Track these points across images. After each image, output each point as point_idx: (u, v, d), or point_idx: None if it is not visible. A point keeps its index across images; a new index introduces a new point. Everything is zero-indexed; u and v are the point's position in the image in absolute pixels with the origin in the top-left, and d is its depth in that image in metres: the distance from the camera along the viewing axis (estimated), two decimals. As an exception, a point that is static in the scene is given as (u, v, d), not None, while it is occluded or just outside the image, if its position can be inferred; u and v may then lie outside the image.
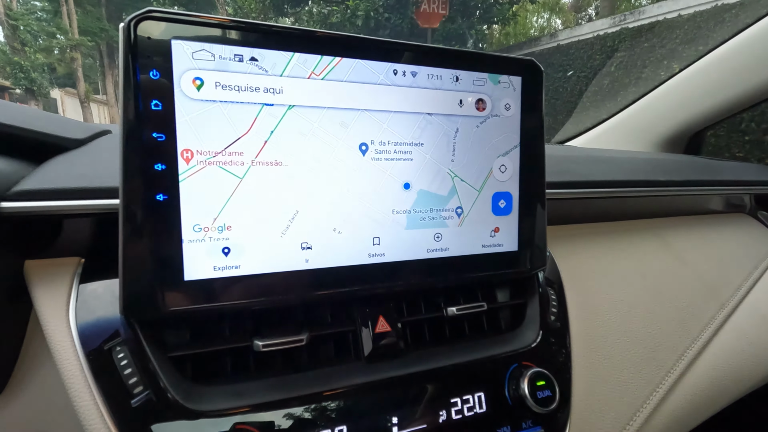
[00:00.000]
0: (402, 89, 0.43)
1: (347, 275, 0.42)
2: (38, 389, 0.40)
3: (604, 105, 1.36)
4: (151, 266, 0.35)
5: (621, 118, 1.21)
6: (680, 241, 0.72)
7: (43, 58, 15.26)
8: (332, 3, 9.44)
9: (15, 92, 14.56)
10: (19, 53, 14.29)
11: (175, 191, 0.36)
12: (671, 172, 0.75)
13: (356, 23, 8.34)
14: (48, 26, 15.88)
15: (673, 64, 1.28)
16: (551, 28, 15.75)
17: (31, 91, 14.13)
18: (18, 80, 13.76)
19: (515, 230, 0.49)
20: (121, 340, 0.37)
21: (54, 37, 15.76)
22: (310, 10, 9.96)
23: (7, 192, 0.37)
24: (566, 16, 15.40)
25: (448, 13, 8.46)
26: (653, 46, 4.12)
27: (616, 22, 6.97)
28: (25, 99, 14.23)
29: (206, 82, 0.36)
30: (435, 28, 8.49)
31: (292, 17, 10.47)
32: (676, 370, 0.56)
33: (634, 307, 0.60)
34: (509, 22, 10.03)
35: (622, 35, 6.45)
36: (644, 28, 6.20)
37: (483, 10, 9.28)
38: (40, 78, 14.31)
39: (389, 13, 8.34)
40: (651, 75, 2.77)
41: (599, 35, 6.97)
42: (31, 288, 0.40)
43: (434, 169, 0.45)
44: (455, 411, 0.42)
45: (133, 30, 0.33)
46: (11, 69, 13.66)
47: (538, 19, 16.74)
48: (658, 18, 6.20)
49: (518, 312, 0.53)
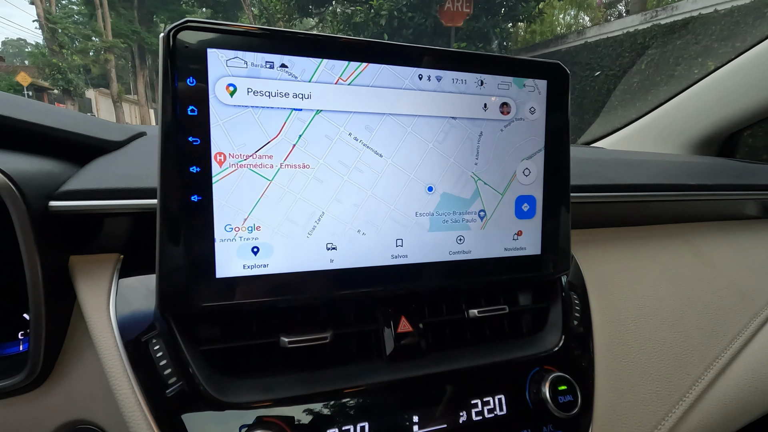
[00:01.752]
0: (427, 93, 0.44)
1: (371, 276, 0.43)
2: (79, 378, 0.43)
3: (633, 105, 1.33)
4: (186, 264, 0.37)
5: (651, 119, 1.18)
6: (711, 247, 0.70)
7: (79, 60, 15.92)
8: (356, 3, 9.48)
9: (53, 92, 15.25)
10: (57, 55, 14.97)
11: (208, 192, 0.37)
12: (703, 175, 0.73)
13: (380, 23, 8.35)
14: (84, 29, 16.58)
15: (708, 62, 1.24)
16: (579, 25, 15.37)
17: (68, 91, 14.78)
18: (56, 81, 14.43)
19: (538, 234, 0.49)
20: (157, 332, 0.40)
21: (89, 39, 16.44)
22: (334, 10, 10.03)
23: (55, 192, 0.40)
24: (594, 12, 15.01)
25: (472, 11, 8.37)
26: (687, 43, 3.97)
27: (647, 18, 6.75)
28: (62, 99, 14.90)
29: (239, 88, 0.38)
30: (459, 26, 8.41)
31: (316, 17, 10.58)
32: (705, 380, 0.54)
33: (661, 313, 0.58)
34: (535, 20, 9.84)
35: (654, 32, 6.25)
36: (677, 24, 5.98)
37: (508, 8, 9.14)
38: (76, 79, 14.96)
39: (413, 13, 8.31)
40: (684, 73, 2.67)
41: (629, 32, 6.77)
42: (75, 281, 0.42)
43: (457, 172, 0.45)
44: (475, 412, 0.43)
45: (172, 39, 0.35)
46: (50, 70, 14.33)
47: (565, 17, 16.37)
48: (693, 14, 5.97)
49: (540, 316, 0.52)
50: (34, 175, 0.39)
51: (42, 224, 0.38)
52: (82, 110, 16.45)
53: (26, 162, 0.41)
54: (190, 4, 19.59)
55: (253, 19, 15.63)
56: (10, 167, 0.37)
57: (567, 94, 0.49)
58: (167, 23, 20.39)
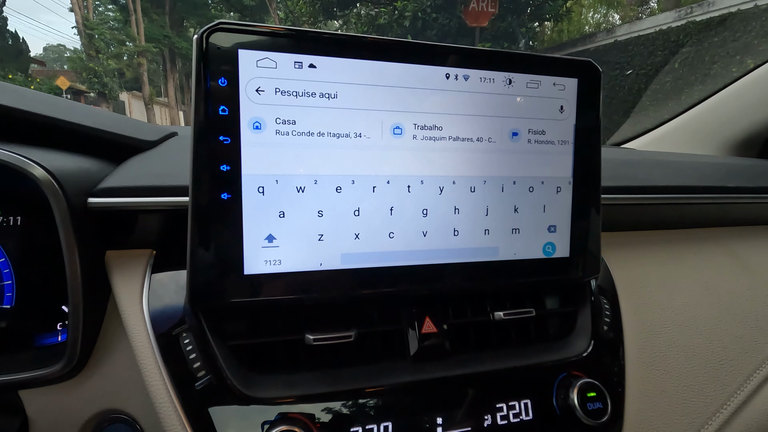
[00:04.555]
0: (454, 93, 0.43)
1: (396, 276, 0.43)
2: (113, 369, 0.44)
3: (666, 105, 1.28)
4: (215, 260, 0.38)
5: (686, 119, 1.13)
6: (752, 252, 0.66)
7: (114, 64, 16.59)
8: (380, 4, 9.52)
9: (90, 95, 15.95)
10: (93, 60, 15.65)
11: (238, 191, 0.38)
12: (742, 177, 0.70)
13: (403, 24, 8.36)
14: (119, 34, 17.28)
15: (747, 60, 1.18)
16: (608, 23, 14.96)
17: (103, 94, 15.44)
18: (92, 84, 15.11)
19: (567, 236, 0.48)
20: (187, 327, 0.41)
21: (124, 44, 17.12)
22: (358, 12, 10.11)
23: (94, 189, 0.41)
24: (624, 10, 14.56)
25: (497, 11, 8.27)
26: (724, 41, 3.81)
27: (681, 15, 6.51)
28: (98, 101, 15.59)
29: (267, 88, 0.38)
30: (484, 26, 8.32)
31: (340, 20, 10.68)
32: (743, 393, 0.52)
33: (696, 321, 0.56)
34: (562, 19, 9.63)
35: (688, 29, 6.02)
36: (714, 21, 5.74)
37: (534, 7, 8.99)
38: (111, 82, 15.60)
39: (437, 13, 8.28)
40: (721, 72, 2.56)
41: (662, 30, 6.55)
42: (111, 275, 0.44)
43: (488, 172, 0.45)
44: (500, 416, 0.42)
45: (206, 41, 0.36)
46: (87, 74, 15.01)
47: (594, 15, 15.95)
48: (731, 9, 5.72)
49: (569, 320, 0.51)
50: (75, 172, 0.41)
51: (81, 219, 0.40)
52: (116, 112, 17.05)
53: (67, 160, 0.42)
54: (219, 8, 20.12)
55: (279, 22, 15.91)
56: (53, 165, 0.39)
57: (599, 93, 0.48)
58: (197, 28, 20.92)
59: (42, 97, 0.47)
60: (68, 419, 0.44)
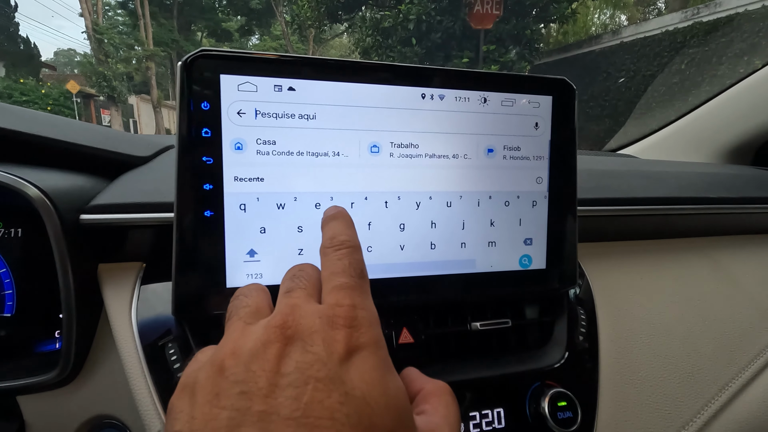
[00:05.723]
0: (430, 112, 0.45)
1: (374, 288, 0.44)
2: (105, 376, 0.46)
3: (665, 108, 1.28)
4: (198, 274, 0.40)
5: (682, 125, 1.13)
6: (733, 262, 0.67)
7: (123, 68, 16.83)
8: (385, 8, 9.56)
9: (99, 99, 16.17)
10: (103, 64, 15.88)
11: (220, 208, 0.40)
12: (727, 187, 0.70)
13: (408, 27, 8.38)
14: (128, 39, 17.54)
15: (754, 60, 1.18)
16: (614, 24, 14.85)
17: (112, 98, 15.67)
18: (102, 88, 15.34)
19: (544, 248, 0.50)
20: (172, 337, 0.43)
21: (132, 48, 17.36)
22: (363, 15, 10.15)
23: (86, 206, 0.44)
24: (631, 11, 14.45)
25: (502, 13, 8.27)
26: (731, 41, 3.78)
27: (687, 16, 6.47)
28: (107, 105, 15.80)
29: (248, 111, 0.40)
30: (488, 29, 8.32)
31: (345, 23, 10.73)
32: (718, 402, 0.53)
33: (673, 330, 0.57)
34: (568, 21, 9.59)
35: (695, 30, 5.97)
36: (720, 21, 5.70)
37: (540, 9, 8.96)
38: (120, 86, 15.82)
39: (441, 16, 8.29)
40: (727, 72, 2.54)
41: (668, 31, 6.50)
42: (103, 287, 0.46)
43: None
44: (473, 425, 0.44)
45: (189, 67, 0.38)
46: (96, 78, 15.23)
47: (600, 16, 15.86)
48: (738, 10, 5.67)
49: (546, 330, 0.52)
50: (68, 190, 0.44)
51: (73, 235, 0.42)
52: (125, 115, 17.37)
53: (61, 178, 0.45)
54: (226, 12, 20.30)
55: (285, 26, 15.98)
56: (46, 184, 0.41)
57: (573, 109, 0.49)
58: (204, 31, 21.29)
59: (39, 118, 0.50)
60: (63, 424, 0.46)
